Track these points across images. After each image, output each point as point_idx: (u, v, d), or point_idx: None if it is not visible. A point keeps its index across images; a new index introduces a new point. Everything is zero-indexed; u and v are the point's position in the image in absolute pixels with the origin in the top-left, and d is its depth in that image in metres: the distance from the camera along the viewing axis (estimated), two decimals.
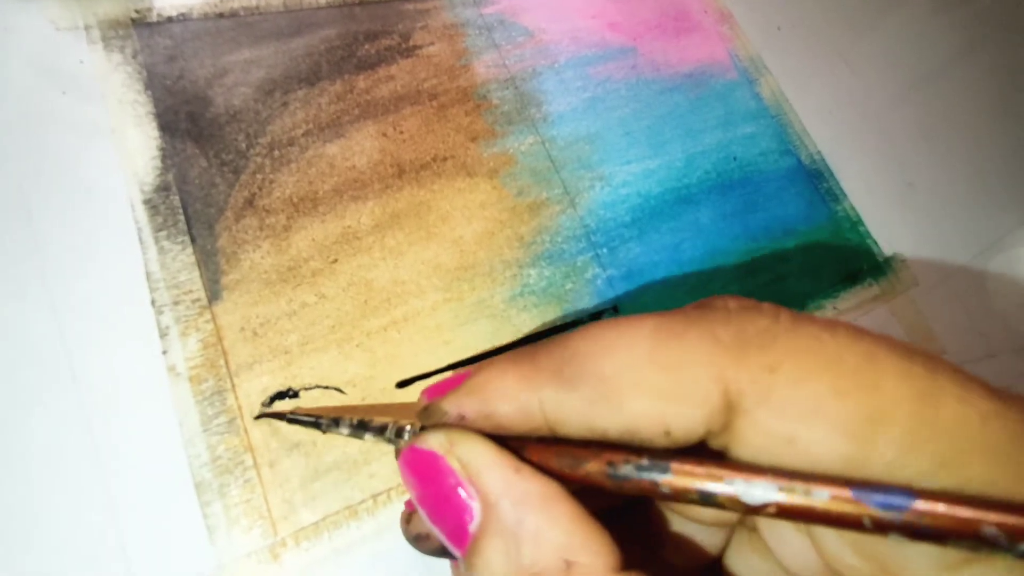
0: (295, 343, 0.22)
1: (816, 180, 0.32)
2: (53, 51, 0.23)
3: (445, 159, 0.27)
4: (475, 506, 0.13)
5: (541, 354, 0.14)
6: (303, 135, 0.25)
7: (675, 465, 0.12)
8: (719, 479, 0.11)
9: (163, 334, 0.21)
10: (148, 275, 0.21)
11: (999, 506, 0.10)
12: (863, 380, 0.11)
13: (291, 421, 0.21)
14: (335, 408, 0.22)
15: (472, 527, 0.13)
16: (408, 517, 0.18)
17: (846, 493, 0.11)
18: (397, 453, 0.17)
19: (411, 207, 0.25)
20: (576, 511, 0.12)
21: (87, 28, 0.24)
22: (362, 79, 0.27)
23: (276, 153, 0.25)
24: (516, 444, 0.13)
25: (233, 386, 0.21)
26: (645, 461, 0.12)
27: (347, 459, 0.21)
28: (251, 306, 0.22)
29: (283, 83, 0.26)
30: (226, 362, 0.21)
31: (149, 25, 0.25)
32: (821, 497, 0.11)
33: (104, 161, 0.22)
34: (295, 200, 0.24)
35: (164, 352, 0.21)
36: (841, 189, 0.33)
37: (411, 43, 0.28)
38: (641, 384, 0.12)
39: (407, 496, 0.21)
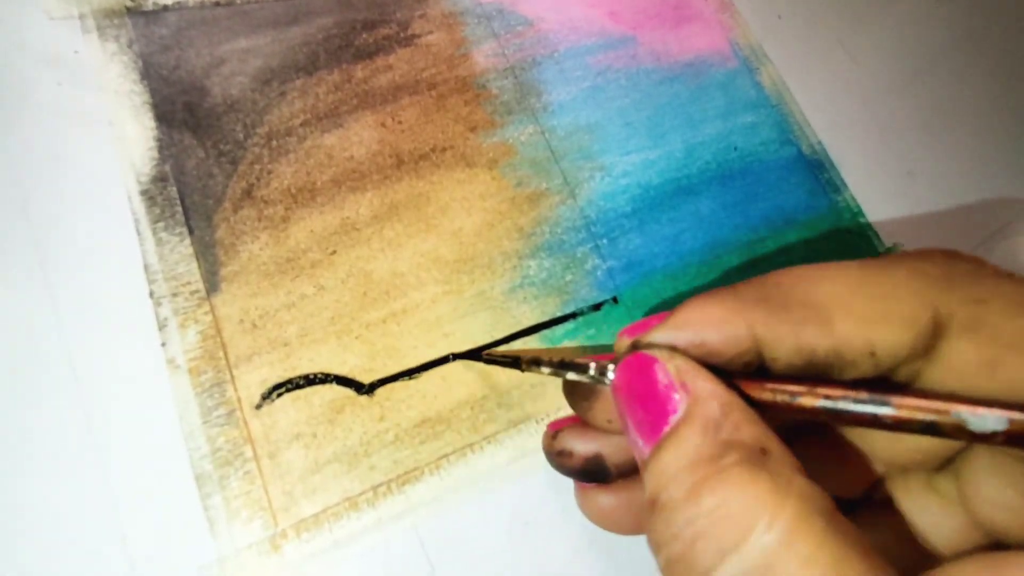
0: (294, 335, 0.22)
1: (817, 170, 0.32)
2: (48, 41, 0.23)
3: (444, 150, 0.26)
4: (683, 404, 0.14)
5: (740, 288, 0.15)
6: (301, 125, 0.25)
7: (895, 398, 0.13)
8: (945, 410, 0.12)
9: (162, 326, 0.21)
10: (146, 267, 0.21)
11: None
12: None
13: (488, 361, 0.22)
14: (529, 350, 0.23)
15: (674, 419, 0.14)
16: (554, 434, 0.20)
17: None
18: (574, 395, 0.19)
19: (410, 198, 0.25)
20: (771, 430, 0.13)
21: (82, 17, 0.24)
22: (360, 68, 0.27)
23: (274, 143, 0.24)
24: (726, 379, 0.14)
25: (232, 378, 0.21)
26: (865, 395, 0.13)
27: (347, 451, 0.21)
28: (250, 298, 0.22)
29: (281, 73, 0.25)
30: (225, 354, 0.21)
31: (144, 14, 0.24)
32: None
33: (100, 152, 0.22)
34: (293, 191, 0.24)
35: (163, 344, 0.21)
36: (842, 179, 0.33)
37: (409, 32, 0.28)
38: (850, 308, 0.14)
39: (408, 490, 0.21)
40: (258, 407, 0.21)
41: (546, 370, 0.19)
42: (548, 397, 0.24)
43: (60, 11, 0.23)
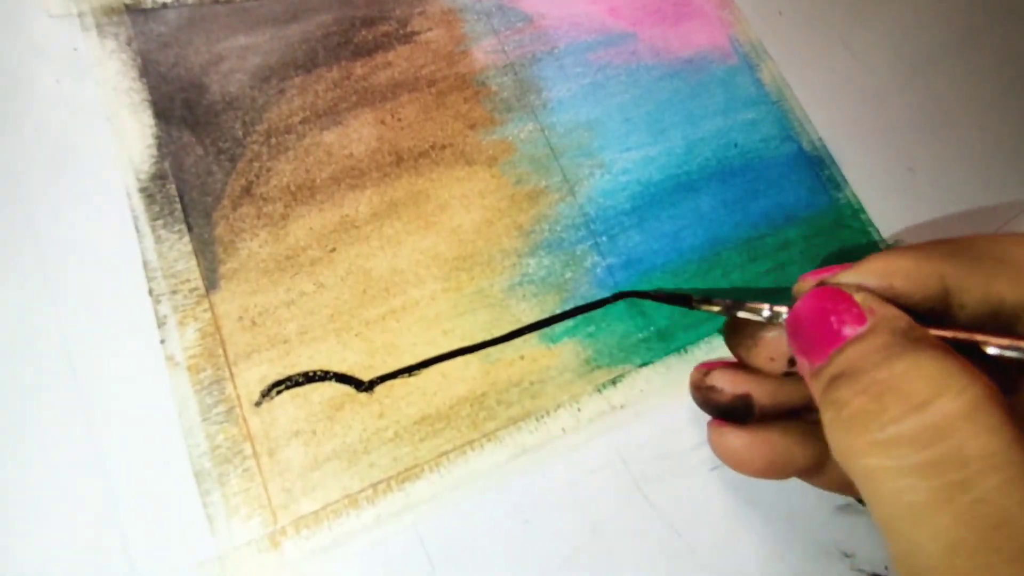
0: (294, 332, 0.22)
1: (817, 167, 0.32)
2: (47, 38, 0.23)
3: (444, 147, 0.26)
4: (869, 320, 0.15)
5: (929, 245, 0.16)
6: (300, 122, 0.25)
7: None
8: None
9: (161, 323, 0.21)
10: (145, 264, 0.21)
11: None
12: None
13: (656, 299, 0.24)
14: (700, 290, 0.25)
15: (855, 332, 0.14)
16: (705, 372, 0.21)
17: None
18: (737, 335, 0.21)
19: (409, 196, 0.25)
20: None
21: (80, 15, 0.24)
22: (359, 65, 0.27)
23: (273, 141, 0.24)
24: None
25: (232, 375, 0.21)
26: None
27: (346, 448, 0.21)
28: (249, 295, 0.22)
29: (279, 70, 0.25)
30: (224, 351, 0.21)
31: (143, 11, 0.24)
32: None
33: (99, 149, 0.22)
34: (293, 188, 0.24)
35: (162, 341, 0.21)
36: (842, 175, 0.33)
37: (409, 29, 0.28)
38: None
39: (407, 487, 0.21)
40: (257, 404, 0.21)
41: (717, 308, 0.20)
42: (548, 394, 0.24)
43: (59, 8, 0.23)
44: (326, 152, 0.25)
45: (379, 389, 0.22)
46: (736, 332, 0.20)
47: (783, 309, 0.18)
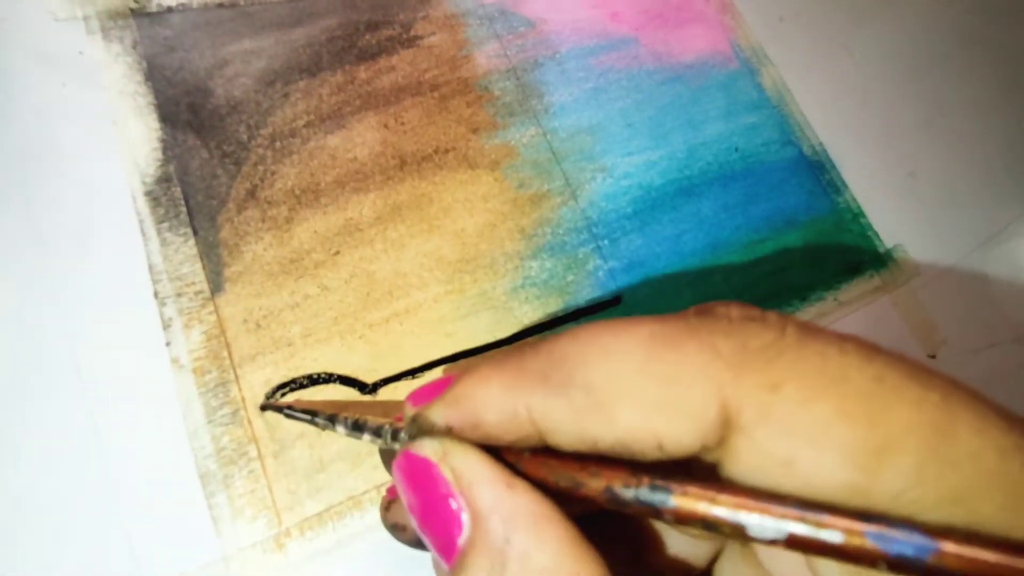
0: (298, 335, 0.22)
1: (818, 171, 0.32)
2: (52, 42, 0.23)
3: (447, 151, 0.27)
4: (465, 519, 0.12)
5: (527, 357, 0.13)
6: (304, 126, 0.25)
7: (677, 492, 0.11)
8: (725, 506, 0.11)
9: (166, 326, 0.21)
10: (151, 267, 0.21)
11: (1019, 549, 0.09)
12: (872, 405, 0.11)
13: (288, 415, 0.21)
14: (334, 403, 0.22)
15: (460, 541, 0.12)
16: (388, 505, 0.17)
17: (861, 528, 0.10)
18: (384, 458, 0.17)
19: (413, 199, 0.25)
20: (567, 533, 0.12)
21: (86, 18, 0.24)
22: (363, 70, 0.27)
23: (278, 144, 0.24)
24: (513, 457, 0.13)
25: (236, 378, 0.21)
26: (646, 487, 0.11)
27: (351, 450, 0.21)
28: (254, 298, 0.22)
29: (284, 74, 0.26)
30: (229, 354, 0.21)
31: (148, 15, 0.25)
32: (834, 537, 0.10)
33: (105, 153, 0.22)
34: (297, 192, 0.24)
35: (167, 344, 0.21)
36: (842, 180, 0.33)
37: (412, 33, 0.28)
38: (633, 395, 0.12)
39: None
40: (263, 408, 0.21)
41: (341, 429, 0.17)
42: None
43: (65, 12, 0.24)
44: (330, 156, 0.25)
45: (383, 391, 0.22)
46: (388, 463, 0.17)
47: (403, 432, 0.15)
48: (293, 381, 0.22)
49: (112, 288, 0.21)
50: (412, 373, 0.23)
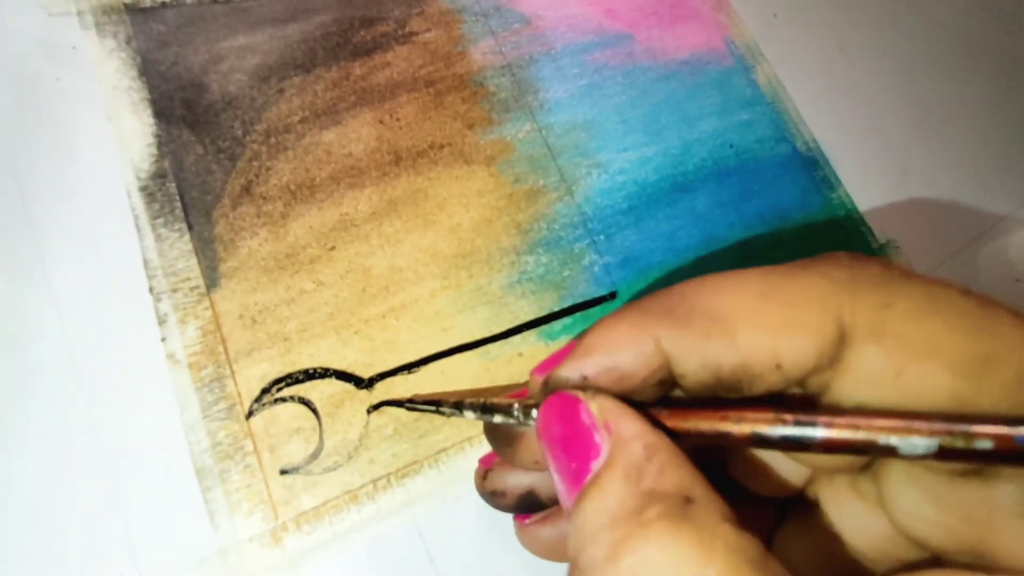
0: (294, 330, 0.22)
1: (811, 167, 0.33)
2: (46, 37, 0.23)
3: (442, 147, 0.27)
4: (605, 447, 0.13)
5: (648, 301, 0.14)
6: (299, 122, 0.25)
7: (823, 423, 0.12)
8: (873, 430, 0.11)
9: (161, 321, 0.21)
10: (145, 263, 0.21)
11: None
12: (978, 324, 0.12)
13: (411, 408, 0.22)
14: (449, 393, 0.22)
15: (596, 464, 0.13)
16: (484, 474, 0.19)
17: (1011, 432, 0.11)
18: (496, 439, 0.18)
19: (408, 195, 0.25)
20: (697, 470, 0.13)
21: (80, 14, 0.24)
22: (358, 66, 0.27)
23: (272, 140, 0.24)
24: (652, 412, 0.14)
25: (232, 373, 0.21)
26: (791, 424, 0.12)
27: (346, 445, 0.21)
28: (249, 293, 0.22)
29: (278, 70, 0.26)
30: (225, 349, 0.21)
31: (143, 10, 0.25)
32: (984, 444, 0.11)
33: (99, 148, 0.22)
34: (292, 187, 0.24)
35: (163, 339, 0.21)
36: (836, 176, 0.33)
37: (407, 29, 0.28)
38: (753, 318, 0.13)
39: (407, 483, 0.21)
40: (255, 407, 0.21)
41: (470, 414, 0.18)
42: None
43: (59, 7, 0.23)
44: (325, 151, 0.25)
45: (379, 386, 0.22)
46: (495, 436, 0.18)
47: (535, 409, 0.15)
48: (289, 376, 0.22)
49: (107, 284, 0.21)
50: (408, 368, 0.23)
